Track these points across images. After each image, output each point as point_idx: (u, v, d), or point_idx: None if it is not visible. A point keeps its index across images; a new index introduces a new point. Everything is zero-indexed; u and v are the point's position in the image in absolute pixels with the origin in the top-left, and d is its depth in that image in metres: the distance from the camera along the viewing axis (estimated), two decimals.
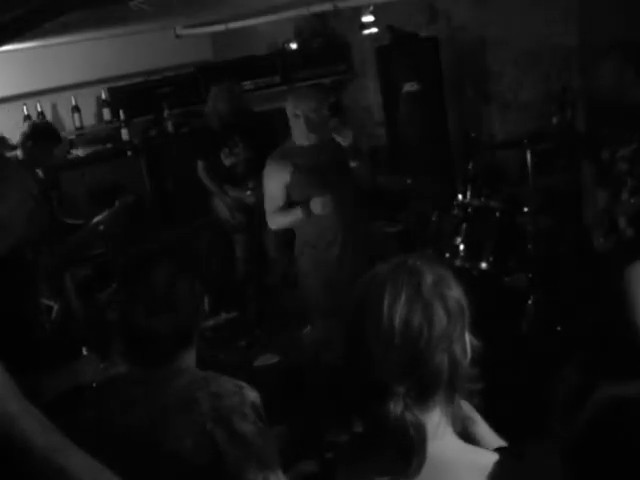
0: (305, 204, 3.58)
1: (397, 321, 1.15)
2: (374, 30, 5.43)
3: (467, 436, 1.30)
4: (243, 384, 1.65)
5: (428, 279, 1.18)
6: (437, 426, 1.18)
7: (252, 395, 1.63)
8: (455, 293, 1.20)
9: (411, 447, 1.13)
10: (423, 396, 1.17)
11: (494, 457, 1.20)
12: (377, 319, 1.16)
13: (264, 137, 4.82)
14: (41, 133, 4.16)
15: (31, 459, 1.14)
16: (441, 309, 1.17)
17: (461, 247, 4.19)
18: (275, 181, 3.68)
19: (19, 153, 4.09)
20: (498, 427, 1.43)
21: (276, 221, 3.78)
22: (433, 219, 4.42)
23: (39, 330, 2.46)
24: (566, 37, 4.94)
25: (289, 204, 3.67)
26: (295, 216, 3.64)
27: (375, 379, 1.16)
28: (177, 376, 1.65)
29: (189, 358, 1.72)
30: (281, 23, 6.21)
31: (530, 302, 4.08)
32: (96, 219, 3.84)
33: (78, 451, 1.20)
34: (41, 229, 3.81)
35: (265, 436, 1.59)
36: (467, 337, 1.21)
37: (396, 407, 1.13)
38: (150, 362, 1.69)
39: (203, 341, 1.83)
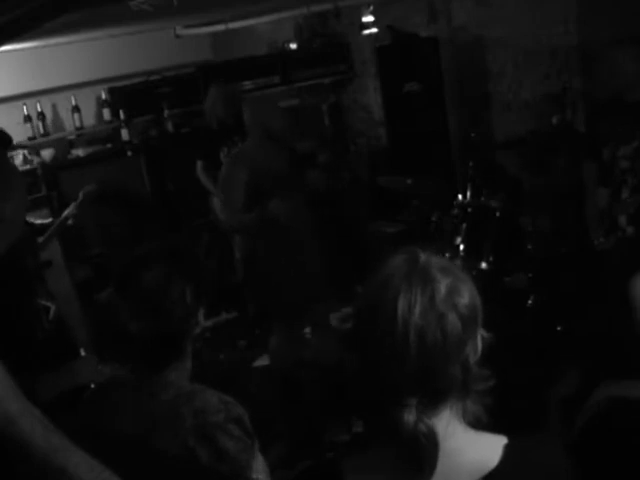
0: (260, 207, 3.63)
1: (412, 335, 1.11)
2: (374, 30, 5.43)
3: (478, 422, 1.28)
4: (229, 399, 1.63)
5: (442, 288, 1.15)
6: (447, 426, 1.17)
7: (237, 411, 1.61)
8: (467, 299, 1.17)
9: (423, 455, 1.12)
10: (435, 404, 1.15)
11: (502, 441, 1.20)
12: (390, 331, 1.12)
13: None
14: None
15: (31, 459, 1.14)
16: (456, 319, 1.14)
17: (461, 247, 4.18)
18: (233, 181, 3.74)
19: None
20: (498, 427, 1.43)
21: (233, 222, 3.87)
22: (433, 219, 4.41)
23: (38, 330, 2.46)
24: (566, 37, 4.94)
25: (246, 205, 3.71)
26: (250, 219, 3.71)
27: (386, 388, 1.14)
28: (164, 389, 1.64)
29: (180, 369, 1.69)
30: (281, 23, 6.22)
31: (530, 302, 4.08)
32: (64, 213, 3.90)
33: (78, 451, 1.20)
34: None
35: (251, 451, 1.58)
36: (479, 335, 1.19)
37: (409, 417, 1.11)
38: (138, 367, 1.67)
39: (203, 341, 1.81)
